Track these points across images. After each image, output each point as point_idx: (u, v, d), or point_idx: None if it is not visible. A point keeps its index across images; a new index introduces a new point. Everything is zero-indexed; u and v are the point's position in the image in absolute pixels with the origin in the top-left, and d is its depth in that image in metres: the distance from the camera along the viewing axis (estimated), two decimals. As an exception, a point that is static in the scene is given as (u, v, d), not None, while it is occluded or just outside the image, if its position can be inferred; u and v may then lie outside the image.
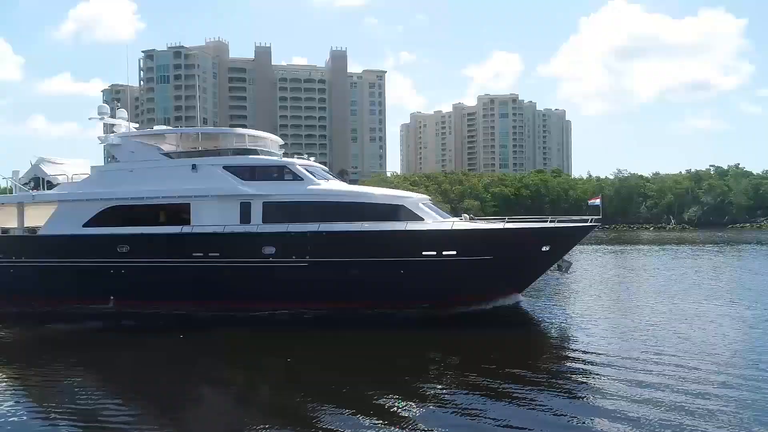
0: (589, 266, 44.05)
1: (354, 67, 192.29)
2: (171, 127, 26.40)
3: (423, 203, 23.20)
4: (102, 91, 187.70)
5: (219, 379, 15.30)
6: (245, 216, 22.84)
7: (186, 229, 23.29)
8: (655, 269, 41.80)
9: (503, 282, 22.83)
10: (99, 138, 25.71)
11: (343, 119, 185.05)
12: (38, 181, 27.02)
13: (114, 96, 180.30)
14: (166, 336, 20.46)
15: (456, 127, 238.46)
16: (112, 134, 25.63)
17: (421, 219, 22.12)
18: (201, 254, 22.82)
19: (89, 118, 26.10)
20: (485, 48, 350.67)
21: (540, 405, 12.46)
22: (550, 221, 23.35)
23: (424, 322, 21.59)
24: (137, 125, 31.85)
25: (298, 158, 25.49)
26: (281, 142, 28.04)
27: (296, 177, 23.19)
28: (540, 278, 28.12)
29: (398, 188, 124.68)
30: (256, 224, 22.58)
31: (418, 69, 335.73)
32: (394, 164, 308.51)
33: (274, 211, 22.62)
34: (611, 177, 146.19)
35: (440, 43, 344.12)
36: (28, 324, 22.83)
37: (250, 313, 21.91)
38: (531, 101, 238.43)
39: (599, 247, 67.92)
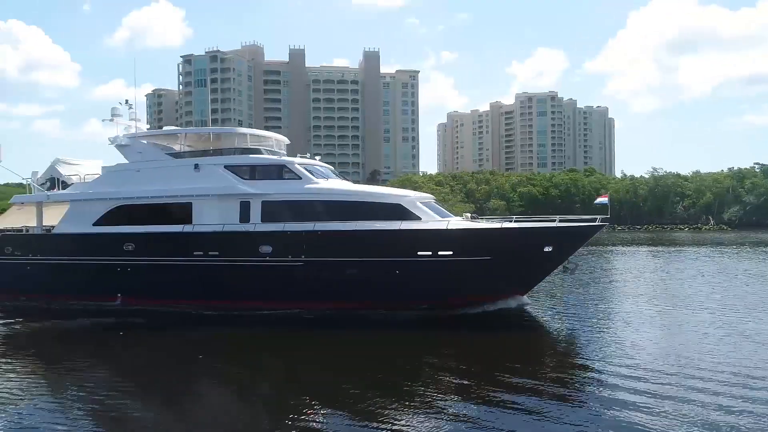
0: (608, 267, 41.68)
1: (395, 68, 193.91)
2: (177, 128, 28.49)
3: (421, 202, 22.65)
4: (145, 95, 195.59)
5: (213, 378, 15.23)
6: (244, 215, 22.92)
7: (187, 228, 23.53)
8: (677, 271, 38.91)
9: (504, 283, 22.11)
10: (109, 139, 26.53)
11: (375, 120, 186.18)
12: (54, 181, 27.90)
13: (157, 100, 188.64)
14: (164, 334, 20.71)
15: (493, 126, 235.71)
16: (121, 135, 26.44)
17: (418, 218, 21.72)
18: (201, 253, 23.07)
19: (102, 120, 27.34)
20: (528, 45, 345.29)
21: (536, 413, 11.86)
22: (559, 221, 22.44)
23: (422, 323, 21.17)
24: (148, 126, 32.43)
25: (300, 157, 25.47)
26: (287, 141, 28.30)
27: (295, 176, 23.12)
28: (549, 280, 27.26)
29: (422, 188, 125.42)
30: (254, 223, 22.64)
31: (460, 68, 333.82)
32: (431, 164, 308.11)
33: (273, 210, 22.64)
34: (646, 176, 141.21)
35: (482, 41, 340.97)
36: (36, 319, 23.39)
37: (249, 312, 22.03)
38: (571, 98, 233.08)
39: (626, 248, 64.96)
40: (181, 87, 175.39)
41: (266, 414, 12.22)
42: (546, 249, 21.63)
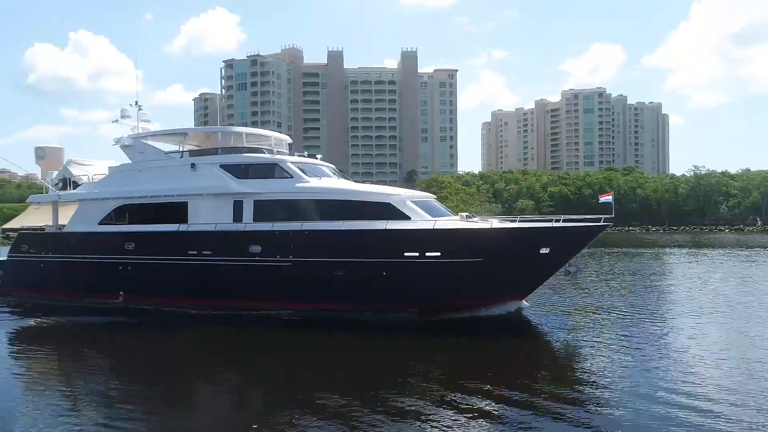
0: (623, 269, 38.87)
1: (433, 67, 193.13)
2: (176, 128, 28.04)
3: (414, 201, 21.61)
4: (192, 99, 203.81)
5: (203, 379, 14.76)
6: (237, 214, 22.80)
7: (183, 227, 23.64)
8: (696, 275, 35.02)
9: (498, 287, 20.87)
10: (114, 139, 26.99)
11: (413, 120, 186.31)
12: (66, 181, 28.59)
13: (203, 104, 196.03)
14: (158, 333, 20.51)
15: (539, 125, 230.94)
16: (125, 135, 26.79)
17: (408, 218, 20.77)
18: (195, 252, 23.10)
19: (112, 121, 27.93)
20: (583, 41, 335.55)
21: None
22: (555, 221, 21.22)
23: (409, 327, 20.01)
24: (155, 126, 32.31)
25: (298, 156, 25.17)
26: (288, 140, 28.03)
27: (287, 175, 22.70)
28: (554, 284, 26.03)
29: (448, 188, 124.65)
30: (245, 223, 22.51)
31: (511, 66, 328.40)
32: (475, 164, 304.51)
33: (265, 209, 22.40)
34: (688, 174, 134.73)
35: (534, 38, 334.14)
36: (39, 316, 23.57)
37: (241, 311, 21.81)
38: (621, 95, 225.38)
39: (651, 250, 61.09)
40: (223, 91, 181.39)
41: (257, 417, 11.64)
42: (542, 251, 20.27)
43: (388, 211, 20.97)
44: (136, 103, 28.72)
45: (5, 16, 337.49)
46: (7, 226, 36.15)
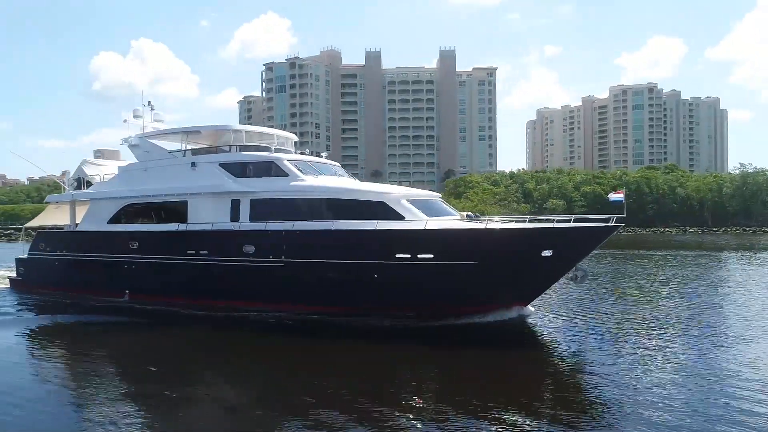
0: (644, 274, 35.83)
1: (483, 64, 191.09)
2: (178, 126, 28.02)
3: (409, 200, 20.34)
4: (237, 102, 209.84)
5: (192, 381, 14.18)
6: (235, 213, 22.30)
7: (182, 226, 23.43)
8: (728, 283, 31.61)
9: (497, 291, 19.38)
10: (122, 139, 27.18)
11: (450, 119, 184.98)
12: (80, 181, 29.16)
13: (247, 106, 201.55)
14: (156, 332, 20.02)
15: (585, 122, 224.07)
16: (133, 135, 26.82)
17: (402, 217, 19.51)
18: (193, 252, 22.83)
19: (124, 121, 27.76)
20: (641, 34, 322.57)
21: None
22: (557, 221, 19.61)
23: (402, 334, 18.55)
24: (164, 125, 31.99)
25: (300, 153, 24.82)
26: (295, 138, 27.38)
27: (282, 173, 22.00)
28: (564, 290, 24.93)
29: (477, 187, 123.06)
30: (241, 222, 22.06)
31: (565, 62, 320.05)
32: (520, 163, 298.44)
33: (260, 208, 21.84)
34: (734, 172, 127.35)
35: (589, 33, 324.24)
36: (47, 312, 23.70)
37: (237, 313, 21.22)
38: (674, 90, 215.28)
39: (678, 252, 56.92)
40: (264, 93, 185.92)
41: (239, 424, 11.20)
42: (544, 253, 18.53)
43: (383, 210, 19.85)
44: (149, 103, 28.76)
45: (75, 27, 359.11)
46: (29, 225, 37.98)
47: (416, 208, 19.95)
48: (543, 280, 19.86)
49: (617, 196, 20.98)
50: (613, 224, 18.50)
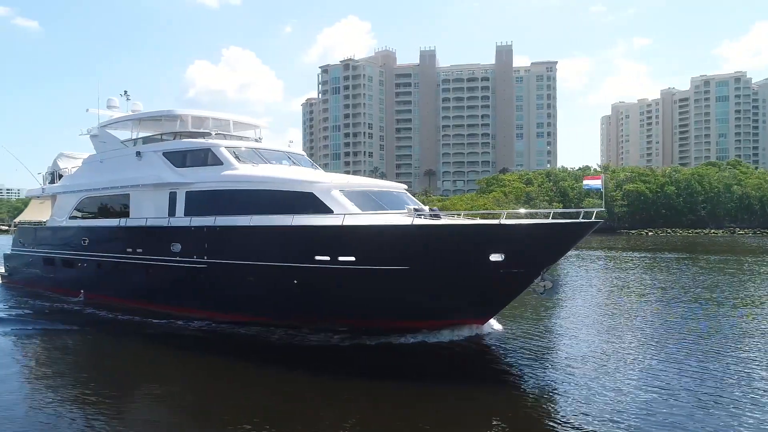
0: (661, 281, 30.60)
1: (529, 60, 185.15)
2: (130, 113, 25.80)
3: (340, 190, 16.97)
4: (301, 105, 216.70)
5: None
6: (172, 207, 19.98)
7: (122, 222, 21.80)
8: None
9: (441, 304, 15.80)
10: (83, 130, 25.71)
11: (507, 116, 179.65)
12: (54, 174, 28.24)
13: (309, 108, 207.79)
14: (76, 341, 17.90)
15: (664, 116, 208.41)
16: (93, 126, 25.28)
17: (330, 211, 16.26)
18: (131, 250, 20.90)
19: (86, 110, 26.28)
20: (742, 21, 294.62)
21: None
22: (551, 217, 15.71)
23: (335, 352, 15.23)
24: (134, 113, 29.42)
25: (255, 141, 22.77)
26: (262, 125, 24.46)
27: (217, 161, 19.41)
28: (531, 303, 21.42)
29: (509, 185, 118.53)
30: (176, 217, 19.84)
31: (655, 54, 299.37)
32: (594, 161, 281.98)
33: (194, 201, 19.44)
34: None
35: (683, 22, 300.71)
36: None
37: (172, 319, 18.82)
38: (766, 79, 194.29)
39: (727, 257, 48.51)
40: (320, 95, 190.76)
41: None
42: (493, 257, 14.65)
43: (311, 202, 16.68)
44: (125, 92, 27.06)
45: (173, 39, 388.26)
46: (18, 219, 38.87)
47: (351, 201, 16.63)
48: (498, 291, 15.61)
49: (593, 181, 17.47)
50: (579, 221, 14.83)
